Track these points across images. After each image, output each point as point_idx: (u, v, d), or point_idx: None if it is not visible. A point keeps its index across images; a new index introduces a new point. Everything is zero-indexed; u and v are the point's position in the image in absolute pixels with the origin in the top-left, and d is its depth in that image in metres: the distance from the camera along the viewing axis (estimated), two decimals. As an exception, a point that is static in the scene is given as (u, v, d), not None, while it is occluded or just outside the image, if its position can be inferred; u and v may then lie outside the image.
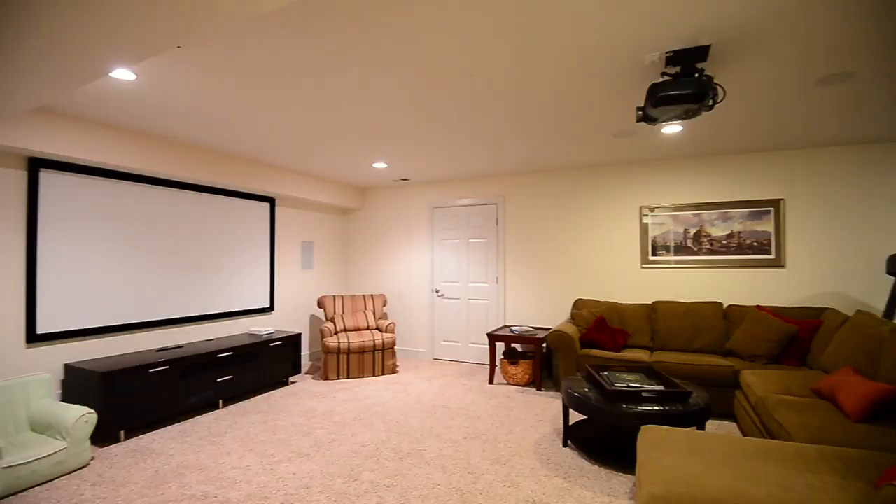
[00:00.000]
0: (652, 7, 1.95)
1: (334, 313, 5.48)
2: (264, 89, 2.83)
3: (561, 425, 3.60)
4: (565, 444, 3.20)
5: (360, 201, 6.53)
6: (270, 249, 5.33)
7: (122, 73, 2.54)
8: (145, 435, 3.45)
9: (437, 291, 6.01)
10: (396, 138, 3.97)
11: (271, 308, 5.33)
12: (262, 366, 4.46)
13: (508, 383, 4.82)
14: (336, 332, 5.24)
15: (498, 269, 5.63)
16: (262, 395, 4.46)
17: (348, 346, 4.98)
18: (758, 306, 4.13)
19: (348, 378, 5.02)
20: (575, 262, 5.27)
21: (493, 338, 4.80)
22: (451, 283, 5.92)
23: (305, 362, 5.86)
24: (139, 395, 3.43)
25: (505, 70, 2.58)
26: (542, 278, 5.43)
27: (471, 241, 5.82)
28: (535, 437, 3.38)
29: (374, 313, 5.64)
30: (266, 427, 3.60)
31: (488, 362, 5.63)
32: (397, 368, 5.49)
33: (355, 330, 5.36)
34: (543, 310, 5.42)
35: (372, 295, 5.78)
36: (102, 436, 3.24)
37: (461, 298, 5.86)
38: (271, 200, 5.35)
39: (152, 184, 4.08)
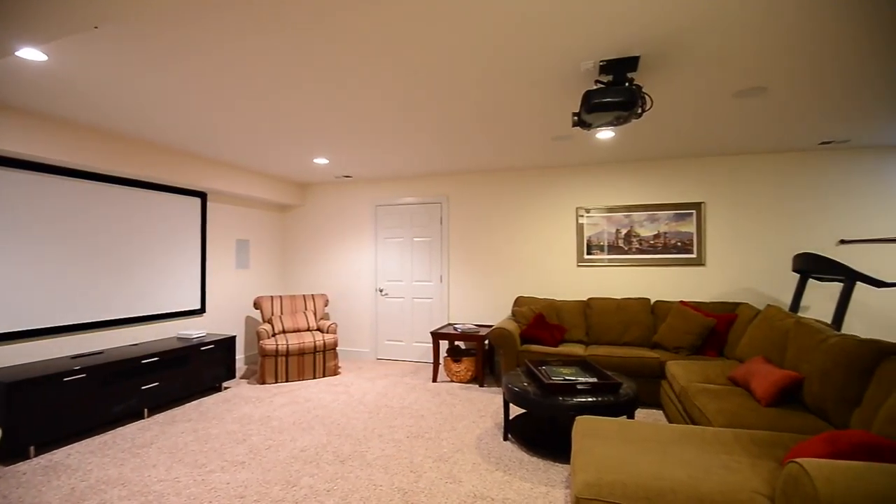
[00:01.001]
0: (589, 18, 2.04)
1: (272, 314, 5.28)
2: (196, 77, 2.67)
3: (502, 420, 3.68)
4: (506, 438, 3.29)
5: (301, 198, 6.33)
6: (202, 248, 5.04)
7: (31, 54, 2.30)
8: (60, 450, 3.16)
9: (381, 290, 5.95)
10: (339, 135, 3.89)
11: (202, 310, 5.04)
12: (192, 371, 4.22)
13: (452, 381, 4.87)
14: (274, 334, 5.06)
15: (442, 267, 5.67)
16: (193, 402, 4.22)
17: (287, 347, 4.82)
18: (681, 302, 4.45)
19: (287, 381, 4.86)
20: (516, 261, 5.42)
21: (436, 336, 4.83)
22: (396, 281, 5.89)
23: (241, 366, 5.60)
24: (52, 406, 3.13)
25: (449, 73, 2.60)
26: (485, 276, 5.53)
27: (415, 239, 5.82)
28: (478, 432, 3.44)
29: (314, 314, 5.49)
30: (197, 436, 3.41)
31: (432, 361, 5.65)
32: (339, 370, 5.38)
33: (295, 331, 5.19)
34: (486, 307, 5.52)
35: (313, 295, 5.62)
36: (9, 453, 2.92)
37: (405, 297, 5.84)
38: (202, 195, 5.06)
39: (70, 176, 3.73)
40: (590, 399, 2.86)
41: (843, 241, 4.48)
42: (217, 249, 5.29)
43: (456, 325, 5.08)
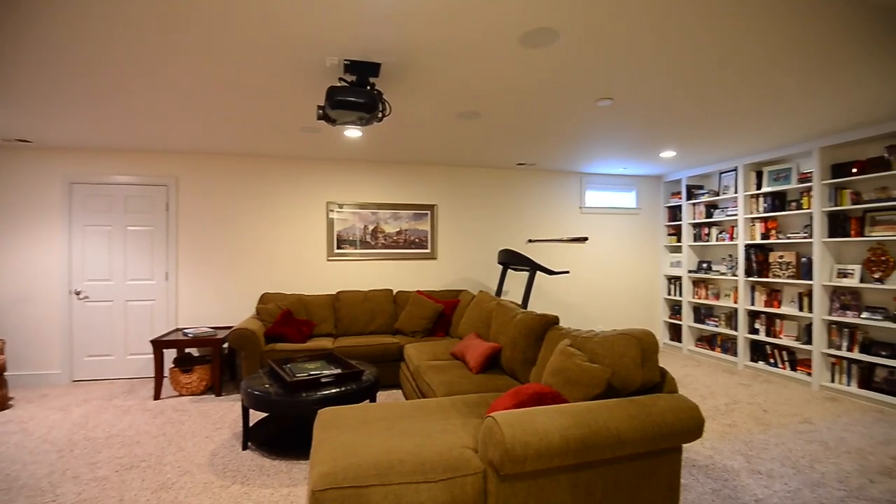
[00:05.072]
0: (333, 16, 2.05)
1: None
2: None
3: (242, 429, 3.40)
4: (245, 448, 3.05)
5: (-66, 167, 4.42)
6: None
7: None
8: None
9: (79, 293, 4.69)
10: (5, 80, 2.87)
11: None
12: None
13: (181, 395, 4.23)
14: None
15: (168, 262, 4.85)
16: None
17: None
18: (418, 291, 4.99)
19: None
20: (263, 255, 5.08)
21: (159, 344, 4.11)
22: (101, 281, 4.73)
23: None
24: None
25: (168, 32, 2.22)
26: (224, 273, 4.99)
27: (130, 228, 4.79)
28: (212, 447, 3.08)
29: (-39, 330, 3.93)
30: None
31: (154, 375, 4.78)
32: (10, 402, 4.01)
33: (-78, 357, 3.61)
34: (226, 307, 4.99)
35: (-42, 304, 4.01)
36: None
37: (116, 300, 4.76)
38: None
39: None
40: (334, 390, 2.90)
41: (530, 241, 5.81)
42: None
43: (186, 330, 4.42)
